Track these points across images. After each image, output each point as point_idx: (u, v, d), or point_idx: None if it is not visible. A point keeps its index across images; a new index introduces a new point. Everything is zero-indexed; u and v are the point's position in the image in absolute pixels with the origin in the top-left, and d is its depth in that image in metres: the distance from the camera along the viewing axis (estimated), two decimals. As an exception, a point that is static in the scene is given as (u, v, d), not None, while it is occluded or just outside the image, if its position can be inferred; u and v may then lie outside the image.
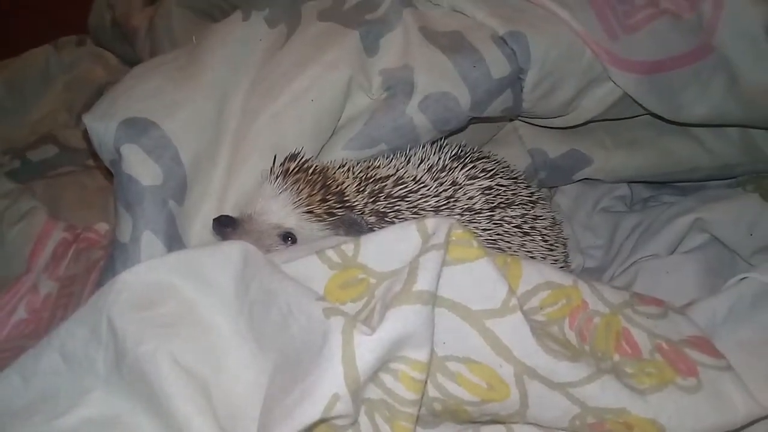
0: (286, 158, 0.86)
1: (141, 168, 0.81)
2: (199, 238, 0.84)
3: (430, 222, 0.65)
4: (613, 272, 1.12)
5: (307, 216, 0.82)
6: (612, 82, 1.02)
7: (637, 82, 1.00)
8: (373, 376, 0.60)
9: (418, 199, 0.87)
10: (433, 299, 0.60)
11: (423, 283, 0.60)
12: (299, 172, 0.84)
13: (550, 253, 0.97)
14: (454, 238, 0.64)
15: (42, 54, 1.72)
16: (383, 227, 0.82)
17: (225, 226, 0.81)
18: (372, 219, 0.83)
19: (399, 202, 0.85)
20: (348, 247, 0.69)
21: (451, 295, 0.64)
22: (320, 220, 0.82)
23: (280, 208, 0.82)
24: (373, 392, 0.62)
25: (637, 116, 1.13)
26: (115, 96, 0.89)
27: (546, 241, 0.97)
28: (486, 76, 0.94)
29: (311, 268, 0.69)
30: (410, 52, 0.94)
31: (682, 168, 1.19)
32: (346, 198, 0.83)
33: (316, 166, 0.86)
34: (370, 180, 0.87)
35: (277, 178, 0.84)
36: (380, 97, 0.95)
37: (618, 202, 1.28)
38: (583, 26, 0.97)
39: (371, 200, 0.84)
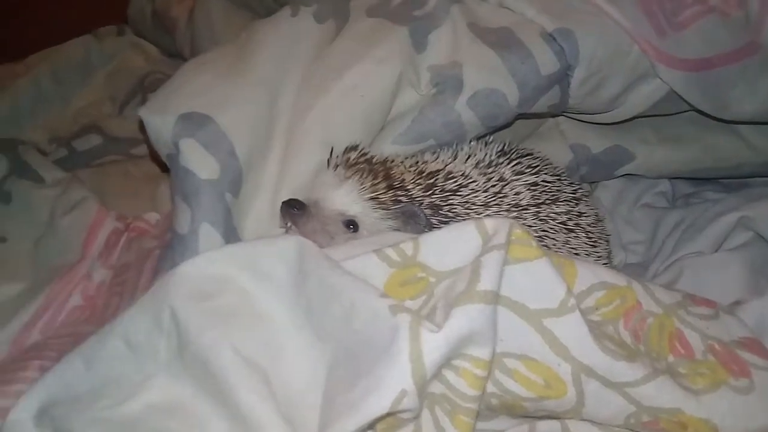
0: (346, 149, 0.87)
1: (199, 162, 0.82)
2: (252, 230, 0.86)
3: (490, 222, 0.66)
4: (656, 269, 1.12)
5: (372, 204, 0.84)
6: (658, 78, 1.02)
7: (685, 80, 1.00)
8: (437, 372, 0.62)
9: (469, 194, 0.87)
10: (496, 298, 0.61)
11: (486, 282, 0.61)
12: (362, 162, 0.86)
13: (593, 249, 0.97)
14: (513, 238, 0.65)
15: (83, 44, 1.74)
16: (437, 220, 0.84)
17: (293, 208, 0.82)
18: (428, 211, 0.84)
19: (451, 196, 0.86)
20: (407, 246, 0.70)
21: (510, 293, 0.65)
22: (384, 208, 0.84)
23: (345, 196, 0.84)
24: (435, 387, 0.63)
25: (681, 112, 1.12)
26: (171, 91, 0.90)
27: (590, 238, 0.97)
28: (535, 73, 0.94)
29: (370, 265, 0.70)
30: (459, 48, 0.95)
31: (725, 164, 1.19)
32: (408, 189, 0.85)
33: (377, 157, 0.88)
34: (424, 173, 0.88)
35: (338, 167, 0.85)
36: (429, 92, 0.95)
37: (659, 198, 1.28)
38: (631, 23, 0.97)
39: (427, 193, 0.85)
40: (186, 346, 0.70)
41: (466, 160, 0.93)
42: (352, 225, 0.85)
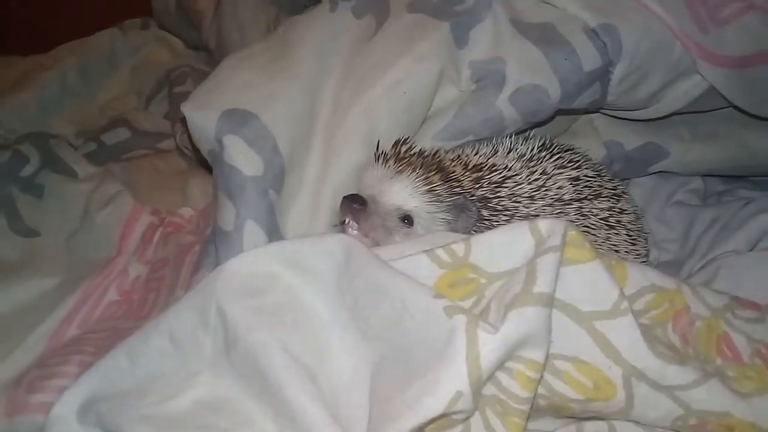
0: (396, 143, 0.87)
1: (243, 158, 0.82)
2: (294, 226, 0.86)
3: (544, 223, 0.65)
4: (690, 268, 1.11)
5: (428, 197, 0.83)
6: (698, 75, 1.01)
7: (726, 77, 0.99)
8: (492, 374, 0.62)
9: (514, 186, 0.87)
10: (551, 301, 0.61)
11: (542, 284, 0.60)
12: (414, 156, 0.86)
13: (633, 247, 0.97)
14: (567, 240, 0.64)
15: (108, 37, 1.75)
16: (487, 212, 0.84)
17: (355, 203, 0.82)
18: (478, 203, 0.85)
19: (498, 188, 0.86)
20: (458, 246, 0.69)
21: (561, 295, 0.65)
22: (439, 201, 0.83)
23: (401, 190, 0.84)
24: (486, 388, 0.63)
25: (716, 109, 1.11)
26: (213, 87, 0.90)
27: (630, 235, 0.96)
28: (577, 69, 0.94)
29: (420, 266, 0.70)
30: (501, 44, 0.94)
31: (759, 162, 1.17)
32: (461, 181, 0.85)
33: (426, 150, 0.88)
34: (470, 166, 0.87)
35: (388, 161, 0.85)
36: (469, 88, 0.95)
37: (692, 196, 1.27)
38: (674, 19, 0.96)
39: (477, 186, 0.85)
40: (234, 344, 0.71)
41: (508, 153, 0.93)
42: (407, 219, 0.84)
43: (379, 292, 0.68)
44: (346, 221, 0.84)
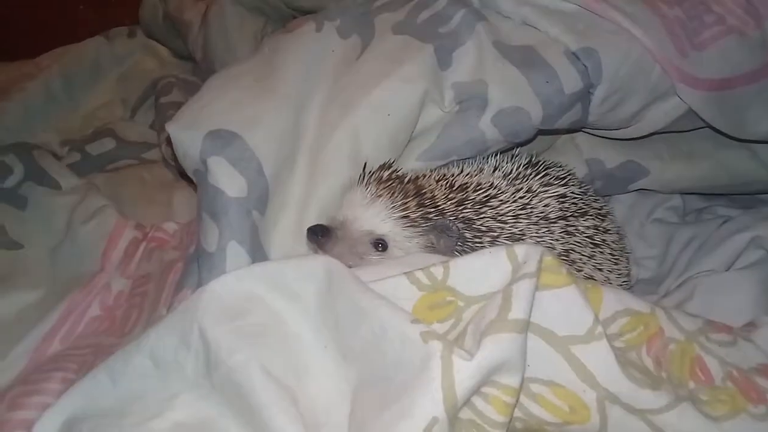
0: (380, 166, 0.89)
1: (227, 179, 0.83)
2: (278, 247, 0.87)
3: (521, 249, 0.67)
4: (668, 286, 1.13)
5: (402, 222, 0.84)
6: (677, 97, 1.02)
7: (705, 99, 1.01)
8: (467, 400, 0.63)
9: (499, 205, 0.89)
10: (526, 327, 0.62)
11: (518, 311, 0.62)
12: (392, 180, 0.87)
13: (615, 266, 0.98)
14: (544, 265, 0.66)
15: (94, 45, 1.74)
16: (471, 234, 0.85)
17: (318, 235, 0.83)
18: (461, 225, 0.85)
19: (483, 208, 0.87)
20: (437, 270, 0.71)
21: (538, 319, 0.66)
22: (414, 226, 0.85)
23: (374, 215, 0.85)
24: (463, 413, 0.64)
25: (696, 129, 1.13)
26: (198, 107, 0.91)
27: (613, 254, 0.98)
28: (559, 92, 0.95)
29: (400, 288, 0.71)
30: (484, 66, 0.95)
31: (737, 181, 1.19)
32: (439, 205, 0.86)
33: (407, 174, 0.89)
34: (455, 187, 0.89)
35: (368, 185, 0.86)
36: (452, 110, 0.96)
37: (671, 213, 1.29)
38: (654, 43, 0.98)
39: (459, 207, 0.86)
40: (216, 366, 0.71)
41: (493, 171, 0.94)
42: (381, 244, 0.85)
43: (358, 315, 0.69)
44: (315, 249, 0.85)
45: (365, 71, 0.94)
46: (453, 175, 0.92)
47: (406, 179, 0.88)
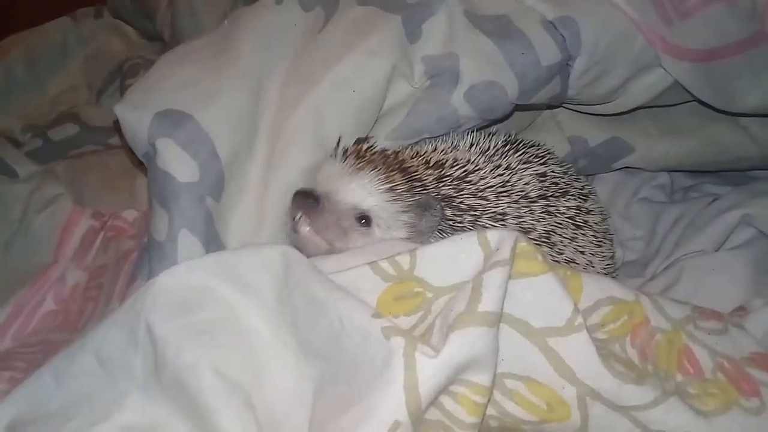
0: (357, 140, 0.83)
1: (177, 163, 0.77)
2: (236, 235, 0.80)
3: (493, 234, 0.61)
4: (655, 268, 1.08)
5: (388, 195, 0.79)
6: (662, 69, 0.97)
7: (690, 71, 0.95)
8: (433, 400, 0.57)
9: (478, 181, 0.83)
10: (498, 320, 0.57)
11: (488, 303, 0.56)
12: (375, 154, 0.82)
13: (598, 249, 0.93)
14: (518, 251, 0.60)
15: (59, 26, 1.66)
16: (450, 212, 0.80)
17: (308, 198, 0.77)
18: (443, 203, 0.80)
19: (462, 185, 0.82)
20: (404, 259, 0.65)
21: (512, 310, 0.61)
22: (400, 200, 0.79)
23: (358, 188, 0.79)
24: (430, 413, 0.59)
25: (682, 103, 1.08)
26: (148, 85, 0.84)
27: (595, 236, 0.93)
28: (535, 64, 0.89)
29: (363, 279, 0.66)
30: (455, 38, 0.89)
31: (727, 157, 1.14)
32: (422, 180, 0.80)
33: (389, 149, 0.84)
34: (431, 164, 0.83)
35: (348, 158, 0.81)
36: (423, 85, 0.90)
37: (658, 192, 1.24)
38: (637, 11, 0.92)
39: (440, 183, 0.81)
40: (163, 366, 0.66)
41: (470, 148, 0.89)
42: (364, 219, 0.79)
43: (317, 308, 0.64)
44: (297, 217, 0.79)
45: (328, 45, 0.88)
46: (426, 152, 0.87)
47: (388, 153, 0.83)
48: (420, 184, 0.81)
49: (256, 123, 0.84)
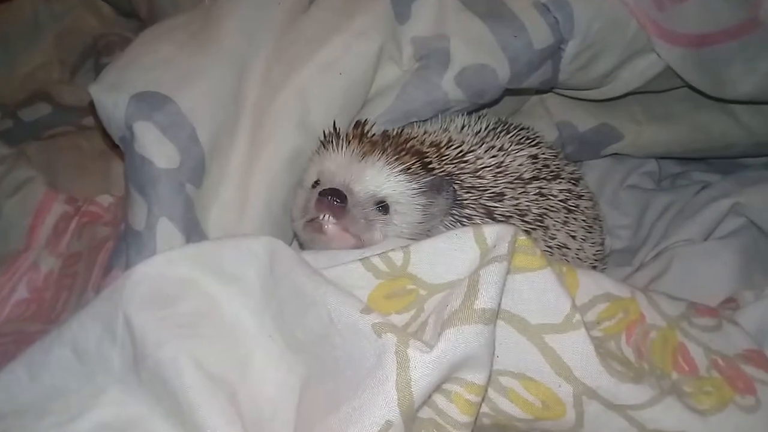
0: (358, 123, 0.81)
1: (156, 148, 0.73)
2: (218, 223, 0.77)
3: (490, 231, 0.59)
4: (643, 257, 1.07)
5: (404, 177, 0.75)
6: (654, 54, 0.95)
7: (683, 56, 0.94)
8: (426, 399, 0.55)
9: (476, 160, 0.81)
10: (494, 318, 0.54)
11: (485, 299, 0.54)
12: (378, 137, 0.79)
13: (589, 234, 0.91)
14: (516, 245, 0.58)
15: (30, 2, 1.59)
16: (455, 190, 0.77)
17: (336, 200, 0.72)
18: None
19: (461, 164, 0.80)
20: (396, 255, 0.62)
21: (508, 306, 0.59)
22: (416, 181, 0.76)
23: (375, 174, 0.75)
24: (423, 411, 0.57)
25: (672, 89, 1.06)
26: (124, 65, 0.80)
27: (586, 221, 0.91)
28: (527, 47, 0.87)
29: (354, 275, 0.63)
30: (445, 18, 0.86)
31: (717, 144, 1.13)
32: (432, 161, 0.78)
33: (392, 130, 0.81)
34: (429, 144, 0.81)
35: (350, 143, 0.77)
36: (411, 67, 0.87)
37: (646, 179, 1.23)
38: (630, -5, 0.90)
39: (441, 161, 0.79)
40: (142, 360, 0.63)
41: (461, 129, 0.87)
42: (382, 207, 0.76)
43: (304, 302, 0.61)
44: (323, 217, 0.74)
45: (314, 25, 0.85)
46: (418, 135, 0.84)
47: (390, 134, 0.80)
48: (430, 164, 0.78)
49: (238, 106, 0.80)
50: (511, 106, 1.11)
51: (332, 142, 0.79)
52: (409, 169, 0.76)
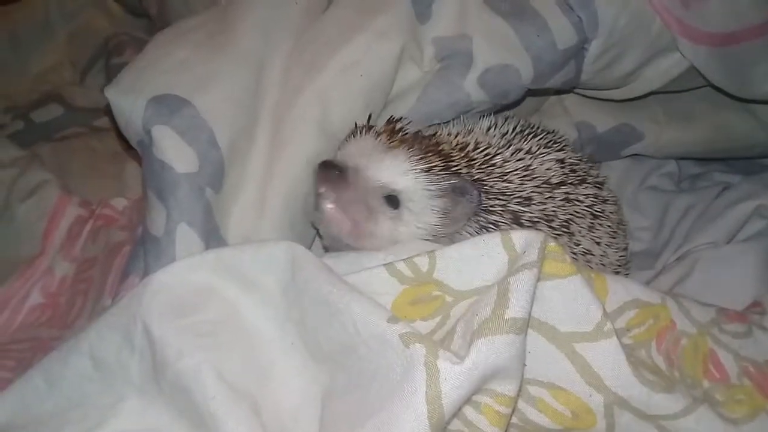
0: (389, 119, 0.79)
1: (174, 152, 0.71)
2: (237, 229, 0.75)
3: (518, 237, 0.57)
4: (665, 260, 1.05)
5: (423, 177, 0.73)
6: (678, 53, 0.93)
7: (707, 55, 0.92)
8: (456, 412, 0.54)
9: (503, 164, 0.79)
10: (525, 327, 0.53)
11: (516, 308, 0.52)
12: (409, 134, 0.77)
13: (613, 240, 0.89)
14: (546, 252, 0.56)
15: (42, 1, 1.58)
16: (480, 194, 0.75)
17: (333, 170, 0.71)
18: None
19: (489, 168, 0.78)
20: (422, 260, 0.61)
21: (538, 313, 0.57)
22: (435, 183, 0.73)
23: (393, 165, 0.73)
24: (451, 423, 0.55)
25: (694, 89, 1.04)
26: (141, 67, 0.79)
27: (610, 226, 0.89)
28: (551, 47, 0.85)
29: (378, 281, 0.62)
30: (467, 18, 0.84)
31: (738, 145, 1.11)
32: (459, 164, 0.76)
33: (418, 130, 0.80)
34: (456, 146, 0.79)
35: (380, 135, 0.76)
36: (433, 68, 0.85)
37: (666, 180, 1.21)
38: (654, -8, 0.88)
39: (469, 166, 0.77)
40: (163, 370, 0.62)
41: (487, 131, 0.84)
42: (393, 201, 0.74)
43: (328, 311, 0.60)
44: (320, 191, 0.73)
45: (333, 25, 0.83)
46: (441, 136, 0.82)
47: (423, 134, 0.78)
48: (456, 167, 0.76)
49: (257, 109, 0.79)
50: (530, 106, 1.09)
51: (361, 131, 0.77)
52: (431, 169, 0.74)
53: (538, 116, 1.12)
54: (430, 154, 0.74)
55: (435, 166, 0.74)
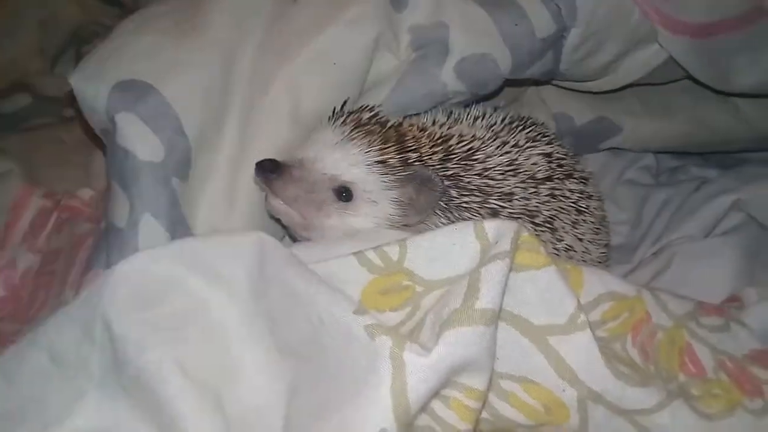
0: (362, 108, 0.78)
1: (139, 141, 0.69)
2: (205, 220, 0.73)
3: (491, 226, 0.56)
4: (643, 254, 1.05)
5: (377, 168, 0.72)
6: (657, 45, 0.93)
7: (687, 46, 0.91)
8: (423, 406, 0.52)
9: (485, 159, 0.77)
10: (495, 319, 0.52)
11: (486, 299, 0.51)
12: (373, 124, 0.75)
13: (596, 236, 0.88)
14: (519, 242, 0.55)
15: (15, -15, 1.55)
16: (457, 192, 0.74)
17: (269, 171, 0.70)
18: (448, 182, 0.74)
19: (469, 163, 0.76)
20: (392, 249, 0.59)
21: (510, 306, 0.56)
22: (392, 174, 0.72)
23: (342, 158, 0.72)
24: (419, 418, 0.54)
25: (672, 81, 1.04)
26: (106, 53, 0.76)
27: (593, 222, 0.88)
28: (529, 36, 0.84)
29: (347, 270, 0.60)
30: (444, 6, 0.83)
31: (717, 139, 1.11)
32: (423, 156, 0.74)
33: (389, 120, 0.78)
34: (437, 138, 0.77)
35: (343, 125, 0.74)
36: (409, 57, 0.84)
37: (644, 173, 1.20)
38: (634, -19, 0.87)
39: (445, 159, 0.75)
40: (124, 365, 0.59)
41: (474, 122, 0.83)
42: (345, 193, 0.73)
43: (294, 302, 0.58)
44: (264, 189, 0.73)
45: (305, 13, 0.81)
46: (426, 126, 0.80)
47: (389, 124, 0.77)
48: (417, 156, 0.74)
49: (226, 97, 0.76)
50: (507, 97, 1.08)
51: (326, 120, 0.76)
52: (387, 160, 0.73)
53: (516, 107, 1.10)
54: (390, 145, 0.73)
55: (392, 157, 0.73)
